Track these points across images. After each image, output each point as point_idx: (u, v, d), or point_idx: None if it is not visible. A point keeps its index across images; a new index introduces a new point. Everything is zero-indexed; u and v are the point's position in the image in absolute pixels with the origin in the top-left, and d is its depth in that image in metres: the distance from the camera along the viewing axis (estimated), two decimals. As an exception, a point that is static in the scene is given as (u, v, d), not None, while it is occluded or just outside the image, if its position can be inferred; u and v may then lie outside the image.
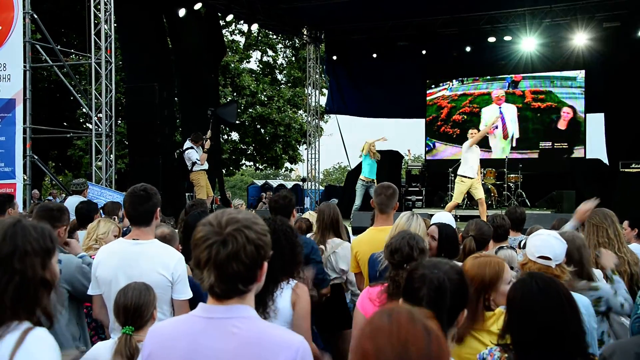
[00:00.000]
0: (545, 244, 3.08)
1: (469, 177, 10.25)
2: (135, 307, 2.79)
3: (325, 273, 4.32)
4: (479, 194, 10.33)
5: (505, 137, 17.39)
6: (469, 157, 10.27)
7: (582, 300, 3.02)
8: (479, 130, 10.76)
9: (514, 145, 17.30)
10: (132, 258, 3.20)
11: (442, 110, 18.37)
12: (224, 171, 27.72)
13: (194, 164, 10.98)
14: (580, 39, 15.49)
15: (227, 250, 1.64)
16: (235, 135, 27.21)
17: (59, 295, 2.11)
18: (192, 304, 3.30)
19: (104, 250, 3.38)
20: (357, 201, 11.86)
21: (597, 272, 3.78)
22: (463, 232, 4.31)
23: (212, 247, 1.65)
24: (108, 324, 3.29)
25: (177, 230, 4.40)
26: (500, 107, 17.50)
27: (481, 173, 14.18)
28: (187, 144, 11.27)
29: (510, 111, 17.40)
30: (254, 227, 1.70)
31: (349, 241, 4.86)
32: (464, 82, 18.21)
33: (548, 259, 3.05)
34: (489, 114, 17.10)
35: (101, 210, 6.58)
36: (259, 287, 1.79)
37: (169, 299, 3.18)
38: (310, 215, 5.69)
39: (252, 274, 1.70)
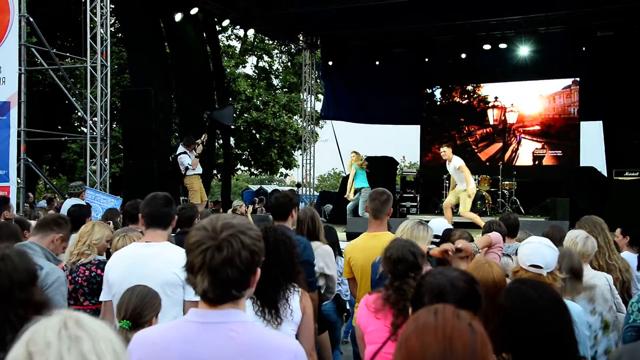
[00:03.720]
0: (535, 252, 3.07)
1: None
2: (137, 305, 2.79)
3: (314, 276, 4.20)
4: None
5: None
6: (466, 171, 10.12)
7: (575, 308, 3.03)
8: (448, 147, 10.55)
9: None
10: (145, 258, 3.20)
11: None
12: (218, 176, 27.70)
13: (187, 168, 10.96)
14: (574, 47, 15.57)
15: (222, 255, 1.63)
16: (230, 140, 27.21)
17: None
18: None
19: (116, 255, 3.38)
20: (351, 205, 11.94)
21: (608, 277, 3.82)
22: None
23: (206, 252, 1.63)
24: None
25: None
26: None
27: (475, 180, 14.25)
28: (180, 148, 11.25)
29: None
30: (248, 232, 1.68)
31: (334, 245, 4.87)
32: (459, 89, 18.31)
33: (539, 267, 3.05)
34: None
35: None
36: (251, 293, 1.78)
37: (180, 300, 3.13)
38: None
39: (246, 279, 1.69)
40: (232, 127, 17.05)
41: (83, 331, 1.11)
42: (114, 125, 18.40)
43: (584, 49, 15.50)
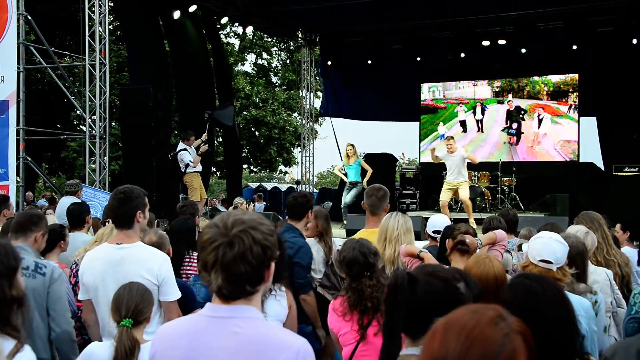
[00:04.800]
0: (546, 247, 3.07)
1: None
2: (137, 302, 2.79)
3: (306, 278, 4.19)
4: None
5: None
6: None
7: (583, 303, 3.02)
8: (453, 139, 10.87)
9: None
10: (117, 263, 3.18)
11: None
12: (217, 173, 27.69)
13: (187, 165, 10.93)
14: (574, 43, 15.56)
15: (233, 251, 1.65)
16: (238, 139, 27.18)
17: (28, 310, 2.19)
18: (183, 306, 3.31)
19: (89, 256, 3.35)
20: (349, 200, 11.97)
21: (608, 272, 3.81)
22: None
23: (218, 249, 1.65)
24: (94, 326, 3.29)
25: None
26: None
27: (474, 176, 14.26)
28: (180, 145, 11.23)
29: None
30: (260, 227, 1.70)
31: None
32: (457, 86, 18.29)
33: (549, 262, 3.05)
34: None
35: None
36: (267, 288, 1.80)
37: (157, 300, 3.18)
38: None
39: (259, 274, 1.71)
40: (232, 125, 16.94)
41: None
42: (113, 123, 18.39)
43: (583, 45, 15.49)
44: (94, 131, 11.61)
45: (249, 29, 18.27)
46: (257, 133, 27.12)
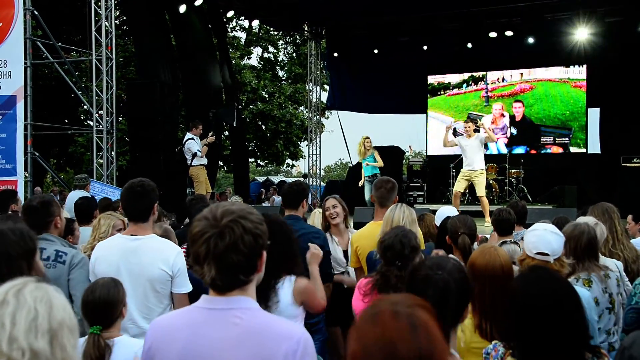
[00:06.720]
0: (541, 240, 3.07)
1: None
2: (104, 305, 2.70)
3: (330, 267, 4.27)
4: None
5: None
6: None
7: (583, 294, 3.01)
8: (473, 122, 10.83)
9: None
10: (132, 253, 3.21)
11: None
12: (225, 167, 27.73)
13: (194, 155, 10.88)
14: (582, 33, 15.45)
15: (224, 242, 1.65)
16: (243, 135, 27.23)
17: None
18: (194, 298, 3.32)
19: (101, 246, 3.36)
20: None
21: (618, 263, 3.77)
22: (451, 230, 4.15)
23: (209, 241, 1.65)
24: None
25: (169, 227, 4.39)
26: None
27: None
28: (188, 135, 11.23)
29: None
30: (249, 216, 1.70)
31: None
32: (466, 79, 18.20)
33: (546, 254, 3.03)
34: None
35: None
36: (260, 278, 1.80)
37: (169, 292, 3.20)
38: (314, 215, 5.56)
39: (251, 263, 1.71)
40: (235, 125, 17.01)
41: (15, 298, 1.21)
42: (120, 118, 18.43)
43: (591, 35, 15.37)
44: (101, 126, 11.63)
45: (255, 23, 18.24)
46: (263, 127, 27.13)
